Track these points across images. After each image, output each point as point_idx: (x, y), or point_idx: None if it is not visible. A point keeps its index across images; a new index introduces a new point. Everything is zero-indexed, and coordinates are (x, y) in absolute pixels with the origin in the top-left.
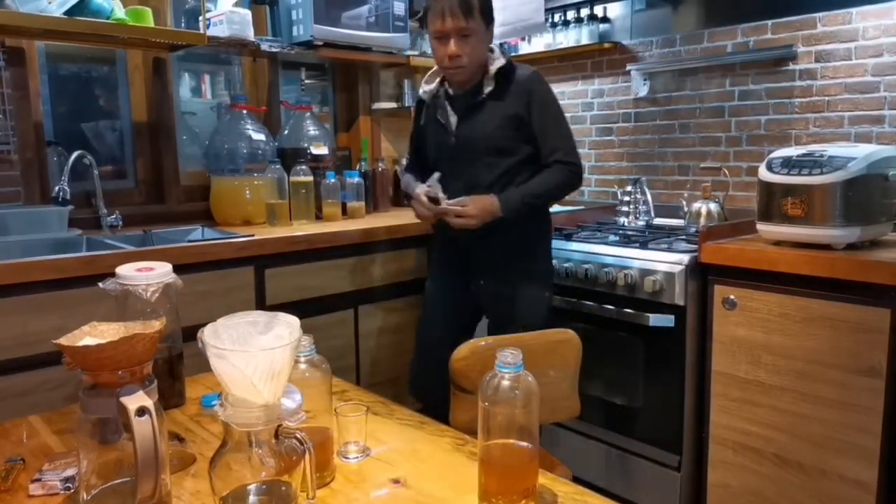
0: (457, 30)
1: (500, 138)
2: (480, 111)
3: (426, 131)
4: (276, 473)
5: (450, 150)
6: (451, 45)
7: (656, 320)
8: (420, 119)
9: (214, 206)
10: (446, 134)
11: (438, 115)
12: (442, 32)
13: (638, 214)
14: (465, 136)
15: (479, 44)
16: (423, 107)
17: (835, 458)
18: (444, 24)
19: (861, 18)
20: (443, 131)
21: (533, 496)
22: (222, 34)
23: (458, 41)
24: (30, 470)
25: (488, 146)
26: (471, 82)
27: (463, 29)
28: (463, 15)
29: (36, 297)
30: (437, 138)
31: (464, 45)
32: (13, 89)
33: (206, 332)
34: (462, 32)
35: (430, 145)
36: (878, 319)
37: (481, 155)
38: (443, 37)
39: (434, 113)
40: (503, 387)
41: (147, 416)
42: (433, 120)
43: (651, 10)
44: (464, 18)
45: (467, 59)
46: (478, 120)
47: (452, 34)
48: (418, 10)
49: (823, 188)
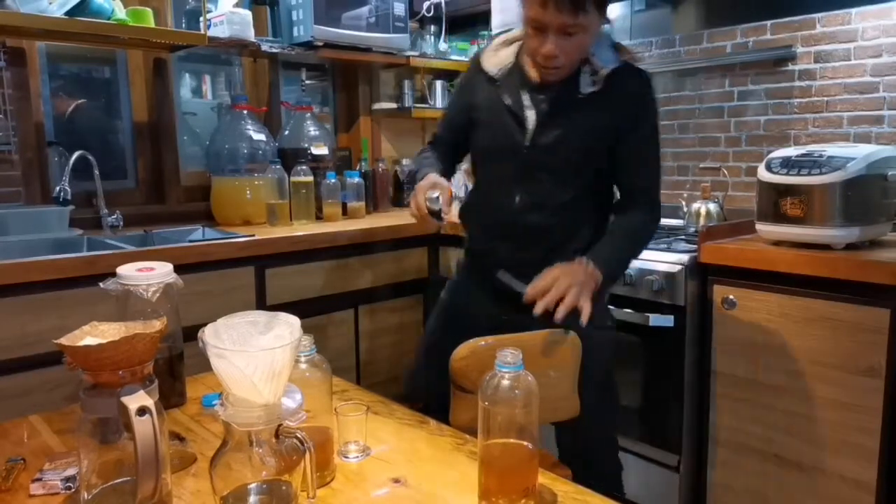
0: (560, 26)
1: (586, 152)
2: (572, 113)
3: (479, 114)
4: (276, 473)
5: (515, 154)
6: (549, 42)
7: (656, 320)
8: (472, 93)
9: (215, 206)
10: (516, 131)
11: (508, 102)
12: (540, 23)
13: None
14: (544, 142)
15: (586, 41)
16: (480, 79)
17: (834, 458)
18: (545, 14)
19: (860, 19)
20: (510, 126)
21: (533, 496)
22: (223, 35)
23: (559, 39)
24: (30, 470)
25: (569, 158)
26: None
27: (568, 26)
28: (571, 8)
29: (36, 297)
30: (498, 132)
31: (565, 43)
32: (14, 89)
33: (207, 332)
34: (566, 30)
35: (481, 136)
36: (877, 319)
37: (559, 168)
38: (540, 28)
39: (499, 95)
40: (503, 387)
41: (148, 416)
42: (496, 104)
43: (651, 10)
44: (572, 13)
45: (566, 61)
46: (567, 124)
47: (553, 30)
48: (418, 10)
49: (823, 188)
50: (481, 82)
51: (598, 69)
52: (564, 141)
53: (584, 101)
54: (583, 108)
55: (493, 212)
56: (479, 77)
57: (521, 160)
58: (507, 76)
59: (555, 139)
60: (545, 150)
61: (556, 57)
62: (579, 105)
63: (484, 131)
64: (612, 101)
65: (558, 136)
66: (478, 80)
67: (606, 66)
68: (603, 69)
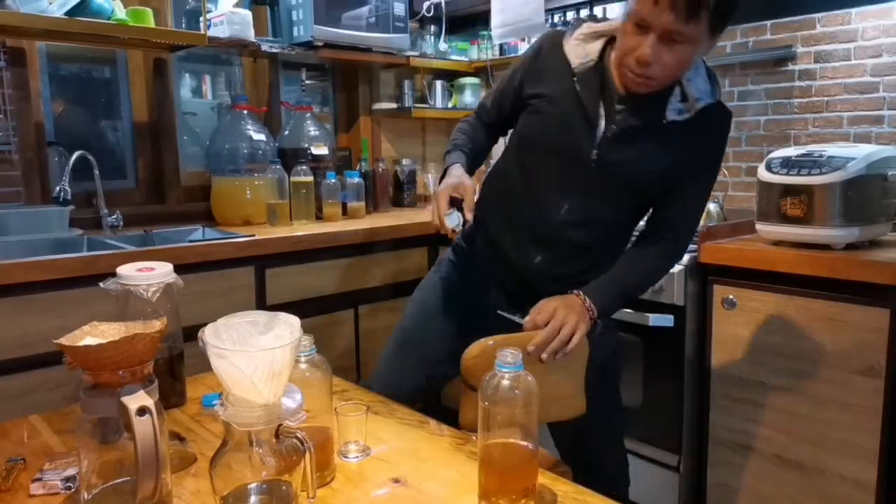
0: (666, 30)
1: (650, 181)
2: (650, 137)
3: (544, 103)
4: (276, 473)
5: (577, 162)
6: (647, 45)
7: (656, 320)
8: (540, 74)
9: (215, 206)
10: (584, 138)
11: (585, 101)
12: (645, 21)
13: None
14: (612, 159)
15: (689, 57)
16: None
17: (834, 458)
18: (654, 10)
19: (860, 19)
20: (580, 129)
21: (533, 496)
22: (223, 35)
23: (661, 45)
24: (30, 470)
25: (631, 184)
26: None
27: (674, 32)
28: (685, 12)
29: (36, 297)
30: (563, 131)
31: (666, 52)
32: (14, 89)
33: (207, 332)
34: (672, 35)
35: (540, 127)
36: (877, 319)
37: (618, 190)
38: (643, 26)
39: (575, 90)
40: (503, 386)
41: (148, 416)
42: (570, 100)
43: None
44: (684, 18)
45: (660, 74)
46: (642, 148)
47: (657, 31)
48: (418, 10)
49: (823, 188)
50: (556, 67)
51: (690, 97)
52: (634, 165)
53: (665, 129)
54: (662, 136)
55: (531, 214)
56: (553, 59)
57: (581, 171)
58: (587, 72)
59: (624, 160)
60: (611, 167)
61: (650, 65)
62: (660, 131)
63: (546, 124)
64: (693, 136)
65: (629, 159)
66: (552, 62)
67: (702, 99)
68: (698, 101)
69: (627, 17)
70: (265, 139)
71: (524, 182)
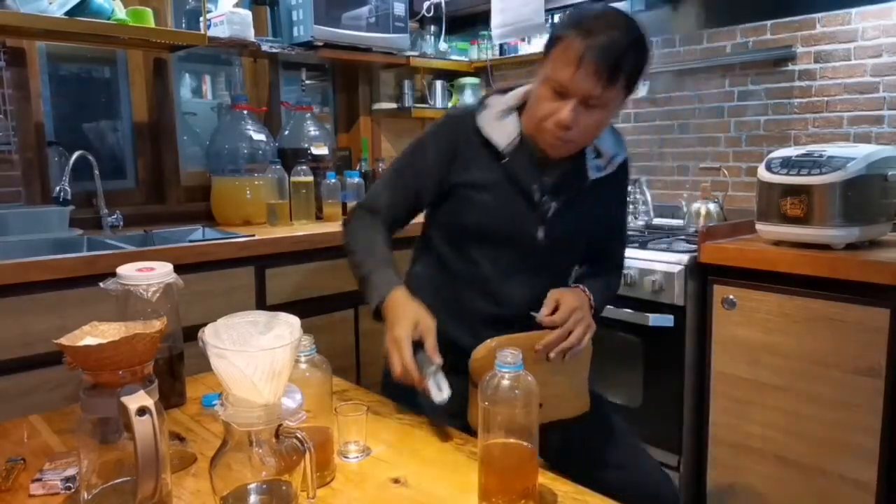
0: (585, 95)
1: (592, 239)
2: (583, 202)
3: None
4: (276, 473)
5: (526, 244)
6: (568, 109)
7: (656, 320)
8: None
9: (215, 206)
10: (528, 220)
11: (522, 185)
12: (564, 87)
13: (637, 214)
14: (558, 234)
15: (607, 119)
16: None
17: (834, 458)
18: (575, 78)
19: (860, 19)
20: (522, 213)
21: (533, 496)
22: (223, 35)
23: (580, 109)
24: (30, 470)
25: (579, 250)
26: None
27: (593, 98)
28: (606, 79)
29: (36, 297)
30: (505, 217)
31: (585, 116)
32: (14, 89)
33: (207, 332)
34: (590, 101)
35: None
36: (877, 319)
37: (568, 260)
38: (562, 93)
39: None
40: (503, 387)
41: (148, 416)
42: (505, 185)
43: (651, 10)
44: (604, 83)
45: (578, 137)
46: (580, 214)
47: (577, 97)
48: (418, 10)
49: (823, 188)
50: (479, 153)
51: (604, 154)
52: (578, 233)
53: (591, 188)
54: (590, 196)
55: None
56: (473, 144)
57: (530, 251)
58: (515, 152)
59: (568, 232)
60: (559, 240)
61: (570, 128)
62: (587, 192)
63: (485, 212)
64: (611, 187)
65: (572, 228)
66: (474, 146)
67: (619, 154)
68: (615, 157)
69: (544, 83)
70: (265, 139)
71: (470, 272)
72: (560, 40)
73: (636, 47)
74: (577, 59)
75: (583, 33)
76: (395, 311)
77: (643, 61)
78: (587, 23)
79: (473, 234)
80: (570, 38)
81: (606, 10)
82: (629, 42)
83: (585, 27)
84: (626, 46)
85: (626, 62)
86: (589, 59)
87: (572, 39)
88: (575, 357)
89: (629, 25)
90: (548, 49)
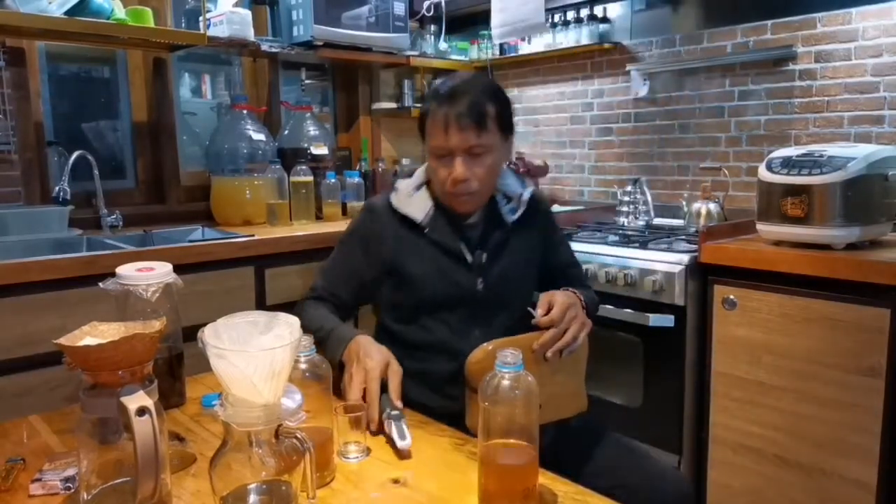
0: (465, 148)
1: (531, 275)
2: (508, 244)
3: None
4: (276, 473)
5: (468, 299)
6: (457, 165)
7: (656, 320)
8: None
9: (215, 206)
10: (463, 276)
11: (447, 247)
12: (445, 149)
13: (638, 214)
14: (493, 280)
15: (496, 162)
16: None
17: (835, 458)
18: (449, 139)
19: (861, 19)
20: (455, 272)
21: (533, 496)
22: (222, 34)
23: (468, 161)
24: (30, 470)
25: (519, 288)
26: (480, 206)
27: (473, 147)
28: (474, 127)
29: (36, 297)
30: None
31: (475, 165)
32: (13, 89)
33: (207, 332)
34: (472, 150)
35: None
36: (877, 319)
37: (513, 300)
38: (446, 154)
39: (433, 242)
40: (503, 387)
41: (147, 416)
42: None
43: (651, 10)
44: (475, 133)
45: (479, 184)
46: (509, 256)
47: (458, 152)
48: (418, 9)
49: (823, 188)
50: (401, 232)
51: (513, 196)
52: (511, 273)
53: (512, 230)
54: (513, 237)
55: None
56: (394, 226)
57: (477, 304)
58: (433, 220)
59: (502, 274)
60: (496, 286)
61: (467, 180)
62: (510, 234)
63: (423, 285)
64: (530, 221)
65: (504, 271)
66: (393, 229)
67: (524, 191)
68: (522, 195)
69: (431, 154)
70: (265, 139)
71: (428, 340)
72: (428, 114)
73: (493, 98)
74: (445, 122)
75: (444, 103)
76: (364, 349)
77: (505, 106)
78: (445, 93)
79: (421, 307)
80: (434, 109)
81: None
82: (485, 96)
83: (444, 96)
84: (484, 101)
85: (487, 110)
86: (453, 118)
87: (436, 110)
88: (571, 354)
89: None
90: (422, 126)
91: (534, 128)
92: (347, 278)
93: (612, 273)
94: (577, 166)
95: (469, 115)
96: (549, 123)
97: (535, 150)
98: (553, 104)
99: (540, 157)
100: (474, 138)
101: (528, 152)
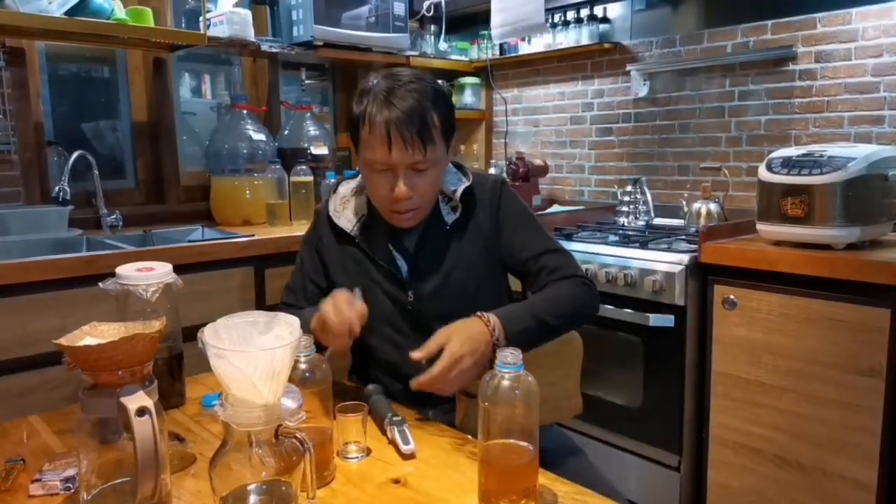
0: (408, 164)
1: (476, 278)
2: (446, 249)
3: (341, 280)
4: (276, 473)
5: (399, 313)
6: (400, 183)
7: (656, 320)
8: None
9: (214, 206)
10: (392, 288)
11: (374, 258)
12: (386, 164)
13: (638, 214)
14: (428, 290)
15: (438, 175)
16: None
17: (835, 459)
18: (392, 155)
19: (861, 19)
20: (384, 284)
21: (533, 496)
22: (222, 34)
23: (410, 176)
24: (30, 470)
25: (460, 295)
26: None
27: (417, 163)
28: (421, 145)
29: (36, 297)
30: (377, 300)
31: (420, 179)
32: (13, 89)
33: (207, 332)
34: (416, 166)
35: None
36: (877, 319)
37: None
38: (385, 170)
39: (361, 253)
40: (503, 387)
41: (147, 416)
42: (360, 264)
43: (651, 10)
44: (421, 150)
45: (422, 201)
46: (446, 263)
47: (401, 169)
48: (418, 10)
49: (823, 188)
50: (334, 241)
51: (450, 195)
52: (448, 281)
53: (452, 232)
54: (454, 239)
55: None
56: (330, 235)
57: (407, 318)
58: (364, 229)
59: (438, 284)
60: (431, 298)
61: (410, 198)
62: (450, 237)
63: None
64: (476, 217)
65: (440, 280)
66: (329, 238)
67: (457, 187)
68: (456, 190)
69: (365, 165)
70: (265, 139)
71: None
72: (363, 120)
73: (436, 104)
74: (386, 135)
75: (384, 108)
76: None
77: (449, 111)
78: (384, 97)
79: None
80: (372, 114)
81: (397, 78)
82: (428, 102)
83: (383, 101)
84: (427, 108)
85: (433, 120)
86: (396, 131)
87: (374, 116)
88: (563, 357)
89: (424, 86)
90: (354, 129)
91: (534, 128)
92: (307, 288)
93: (613, 273)
94: (577, 166)
95: (413, 129)
96: (549, 123)
97: (535, 150)
98: (553, 104)
99: (540, 157)
100: (419, 155)
101: (528, 152)
